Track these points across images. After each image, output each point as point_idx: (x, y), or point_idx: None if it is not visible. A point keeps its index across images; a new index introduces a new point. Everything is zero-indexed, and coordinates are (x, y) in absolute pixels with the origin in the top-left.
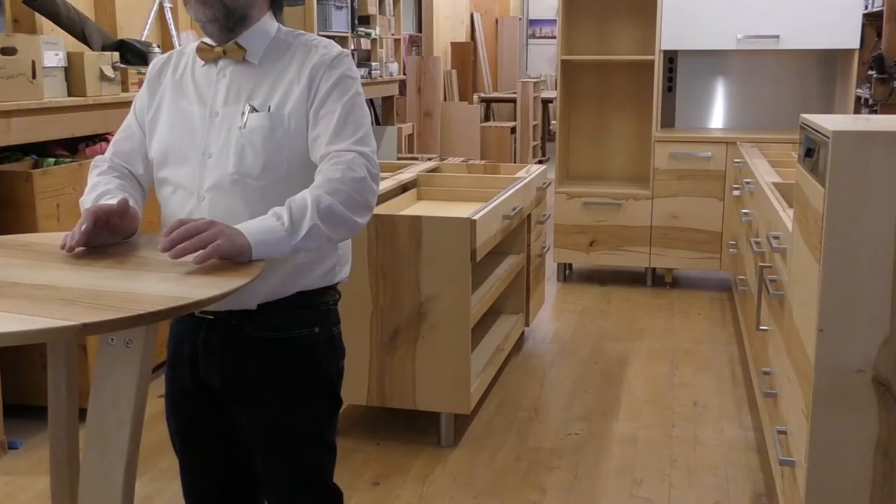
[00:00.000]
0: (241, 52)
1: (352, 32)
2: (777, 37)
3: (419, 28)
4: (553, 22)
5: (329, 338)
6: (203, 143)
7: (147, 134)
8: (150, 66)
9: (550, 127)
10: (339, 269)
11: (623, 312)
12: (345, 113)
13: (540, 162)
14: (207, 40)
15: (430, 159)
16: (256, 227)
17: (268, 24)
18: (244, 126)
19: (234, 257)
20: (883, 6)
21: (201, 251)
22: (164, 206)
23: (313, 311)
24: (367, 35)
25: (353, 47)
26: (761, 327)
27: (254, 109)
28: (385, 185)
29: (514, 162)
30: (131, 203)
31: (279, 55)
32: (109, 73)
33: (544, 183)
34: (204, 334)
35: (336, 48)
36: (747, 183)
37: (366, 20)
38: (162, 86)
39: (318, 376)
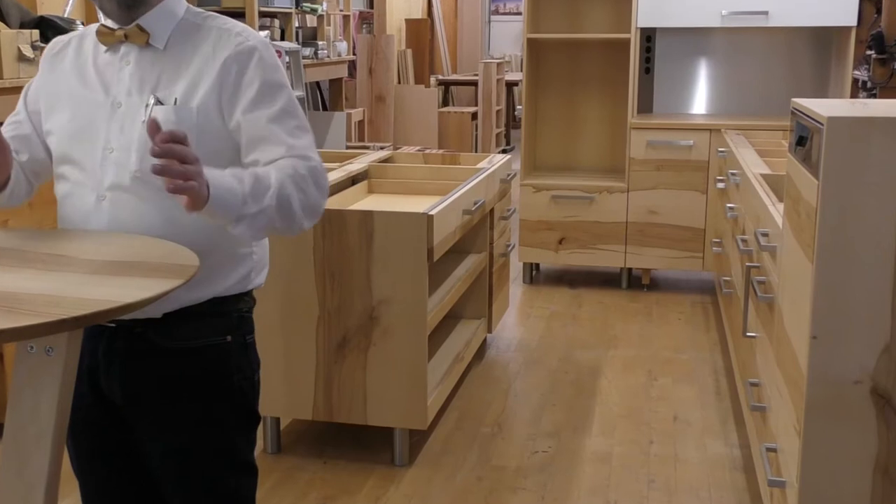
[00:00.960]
0: (143, 36)
1: (296, 8)
2: (766, 13)
3: (370, 3)
4: None
5: (242, 348)
6: (104, 137)
7: (43, 123)
8: (47, 48)
9: (515, 113)
10: (254, 275)
11: (595, 317)
12: (289, 112)
13: (504, 151)
14: (108, 22)
15: (382, 148)
16: (221, 182)
17: (174, 3)
18: (148, 120)
19: (191, 204)
20: None
21: (179, 182)
22: (62, 205)
23: (225, 318)
24: (313, 11)
25: (297, 24)
26: (748, 334)
27: (159, 102)
28: (333, 176)
29: (476, 151)
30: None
31: (187, 39)
32: (28, 52)
33: (508, 174)
34: (105, 344)
35: (253, 37)
36: (733, 174)
37: None
38: (58, 71)
39: (231, 390)
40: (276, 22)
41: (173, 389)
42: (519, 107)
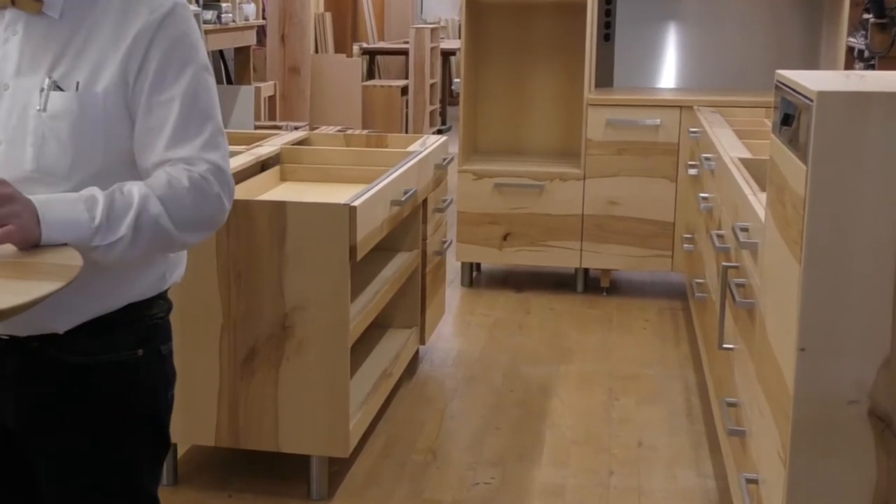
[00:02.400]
0: (36, 5)
1: None
2: None
3: None
4: None
5: (156, 361)
6: None
7: None
8: None
9: (453, 87)
10: (169, 274)
11: (546, 326)
12: (188, 101)
13: (439, 132)
14: None
15: (297, 128)
16: (58, 217)
17: None
18: (44, 108)
19: (19, 245)
20: None
21: None
22: None
23: (135, 327)
24: None
25: None
26: (725, 346)
27: (57, 86)
28: (239, 161)
29: (406, 132)
30: None
31: (89, 6)
32: None
33: (444, 159)
34: None
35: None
36: (707, 159)
37: None
38: None
39: (139, 412)
40: None
41: (72, 412)
42: (457, 80)
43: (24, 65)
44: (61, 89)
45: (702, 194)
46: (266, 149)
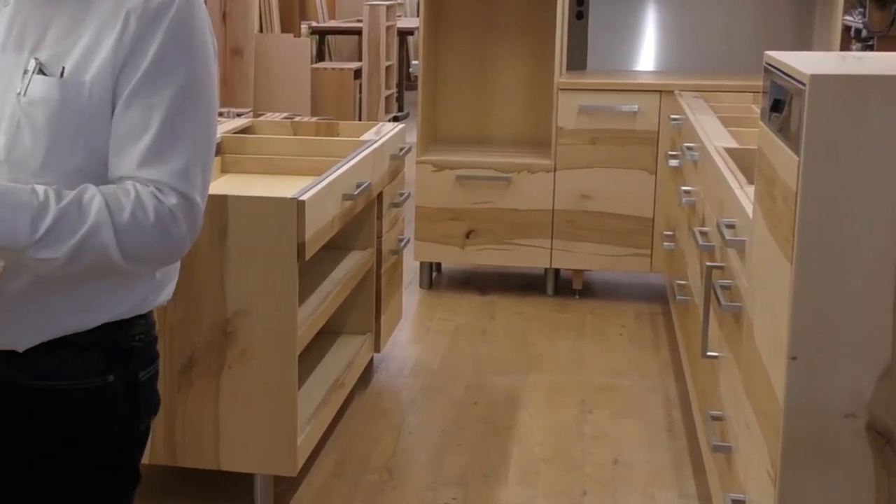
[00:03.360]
0: None
1: None
2: None
3: None
4: None
5: (130, 388)
6: None
7: None
8: None
9: (411, 69)
10: (153, 295)
11: (513, 332)
12: (174, 112)
13: (396, 119)
14: None
15: (239, 115)
16: None
17: None
18: (24, 93)
19: None
20: None
21: None
22: None
23: (109, 350)
24: None
25: None
26: (709, 353)
27: (41, 70)
28: None
29: (359, 119)
30: None
31: None
32: None
33: (402, 149)
34: None
35: None
36: (689, 149)
37: None
38: None
39: (105, 446)
40: None
41: (30, 444)
42: (415, 62)
43: (10, 41)
44: (45, 73)
45: (684, 188)
46: None
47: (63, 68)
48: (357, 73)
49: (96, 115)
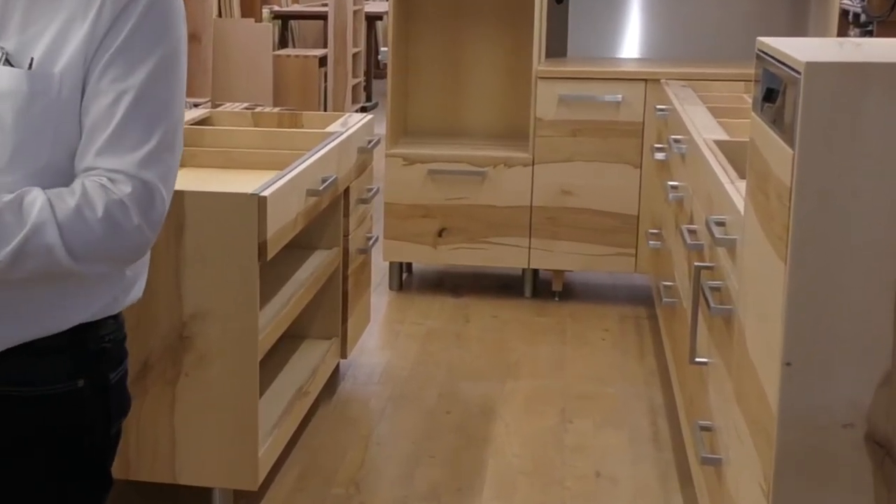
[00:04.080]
0: None
1: None
2: None
3: None
4: None
5: (100, 392)
6: None
7: None
8: None
9: (380, 57)
10: (122, 296)
11: (489, 337)
12: (141, 97)
13: (364, 109)
14: None
15: (196, 105)
16: None
17: None
18: None
19: None
20: None
21: None
22: None
23: (77, 353)
24: None
25: None
26: (698, 359)
27: (7, 61)
28: None
29: (325, 109)
30: None
31: None
32: None
33: (370, 141)
34: None
35: None
36: (676, 141)
37: None
38: None
39: (75, 452)
40: None
41: None
42: (384, 49)
43: None
44: (12, 65)
45: (670, 182)
46: None
47: (32, 59)
48: (322, 61)
49: (66, 108)
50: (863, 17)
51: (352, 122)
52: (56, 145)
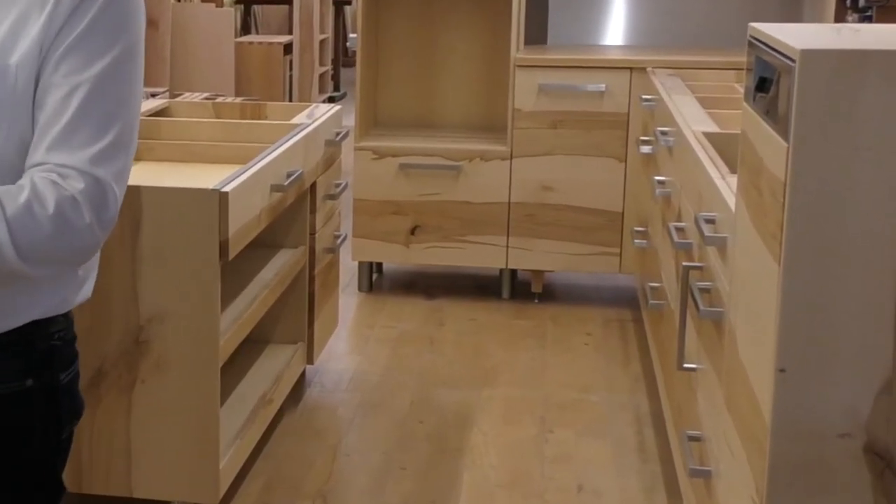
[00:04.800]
0: None
1: None
2: None
3: None
4: None
5: (50, 393)
6: None
7: None
8: None
9: (348, 44)
10: (72, 295)
11: (464, 342)
12: (96, 92)
13: (331, 100)
14: None
15: (153, 95)
16: None
17: None
18: None
19: None
20: None
21: None
22: None
23: (26, 351)
24: None
25: None
26: (686, 365)
27: None
28: None
29: (290, 100)
30: None
31: None
32: None
33: (338, 134)
34: None
35: None
36: (664, 134)
37: None
38: None
39: (26, 454)
40: None
41: None
42: (353, 35)
43: None
44: None
45: (657, 177)
46: None
47: None
48: (287, 48)
49: (20, 101)
50: (861, 2)
51: (319, 114)
52: (9, 140)
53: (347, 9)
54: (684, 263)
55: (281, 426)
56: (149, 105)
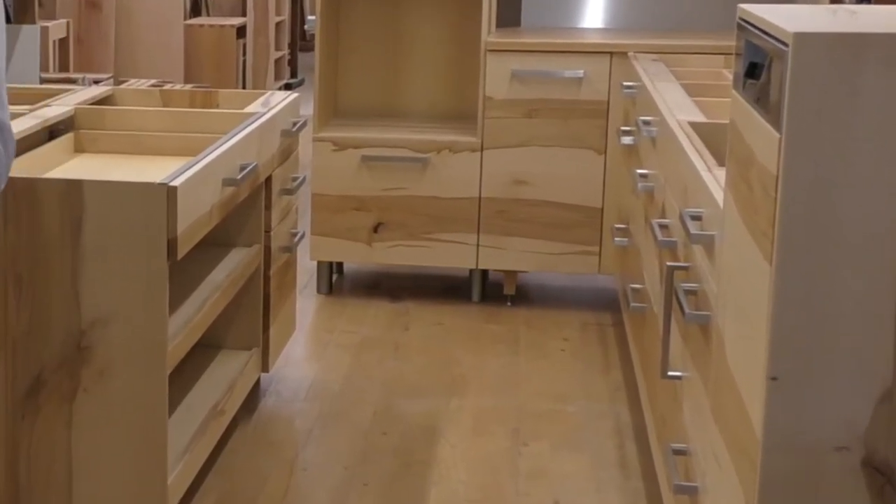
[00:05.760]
0: None
1: None
2: None
3: None
4: None
5: None
6: None
7: None
8: None
9: (306, 27)
10: None
11: (432, 347)
12: None
13: (288, 87)
14: None
15: (97, 82)
16: None
17: None
18: None
19: None
20: None
21: None
22: None
23: None
24: None
25: None
26: (670, 373)
27: None
28: (20, 126)
29: (244, 87)
30: None
31: None
32: None
33: (295, 123)
34: None
35: None
36: (646, 123)
37: None
38: None
39: None
40: None
41: None
42: (311, 17)
43: None
44: None
45: (639, 171)
46: (56, 110)
47: None
48: (241, 31)
49: None
50: None
51: (274, 102)
52: None
53: None
54: (668, 263)
55: (234, 439)
56: (92, 92)
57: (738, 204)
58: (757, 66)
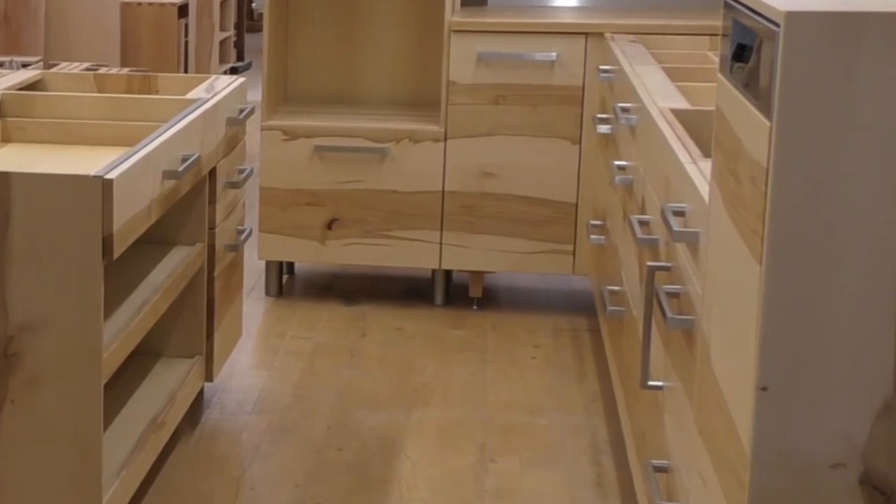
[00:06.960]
0: None
1: None
2: None
3: None
4: None
5: None
6: None
7: None
8: None
9: (254, 5)
10: None
11: (391, 354)
12: None
13: (234, 71)
14: None
15: (25, 66)
16: None
17: None
18: None
19: None
20: None
21: None
22: None
23: None
24: None
25: None
26: (651, 383)
27: None
28: None
29: (186, 71)
30: None
31: None
32: None
33: (242, 111)
34: None
35: None
36: (624, 111)
37: None
38: None
39: None
40: None
41: None
42: None
43: None
44: None
45: (617, 162)
46: None
47: None
48: (182, 10)
49: None
50: None
51: (219, 87)
52: None
53: None
54: (649, 263)
55: (175, 454)
56: (19, 77)
57: (724, 199)
58: (745, 48)
